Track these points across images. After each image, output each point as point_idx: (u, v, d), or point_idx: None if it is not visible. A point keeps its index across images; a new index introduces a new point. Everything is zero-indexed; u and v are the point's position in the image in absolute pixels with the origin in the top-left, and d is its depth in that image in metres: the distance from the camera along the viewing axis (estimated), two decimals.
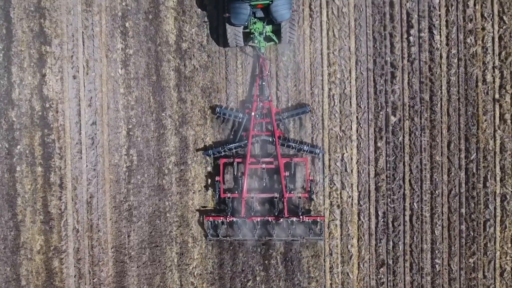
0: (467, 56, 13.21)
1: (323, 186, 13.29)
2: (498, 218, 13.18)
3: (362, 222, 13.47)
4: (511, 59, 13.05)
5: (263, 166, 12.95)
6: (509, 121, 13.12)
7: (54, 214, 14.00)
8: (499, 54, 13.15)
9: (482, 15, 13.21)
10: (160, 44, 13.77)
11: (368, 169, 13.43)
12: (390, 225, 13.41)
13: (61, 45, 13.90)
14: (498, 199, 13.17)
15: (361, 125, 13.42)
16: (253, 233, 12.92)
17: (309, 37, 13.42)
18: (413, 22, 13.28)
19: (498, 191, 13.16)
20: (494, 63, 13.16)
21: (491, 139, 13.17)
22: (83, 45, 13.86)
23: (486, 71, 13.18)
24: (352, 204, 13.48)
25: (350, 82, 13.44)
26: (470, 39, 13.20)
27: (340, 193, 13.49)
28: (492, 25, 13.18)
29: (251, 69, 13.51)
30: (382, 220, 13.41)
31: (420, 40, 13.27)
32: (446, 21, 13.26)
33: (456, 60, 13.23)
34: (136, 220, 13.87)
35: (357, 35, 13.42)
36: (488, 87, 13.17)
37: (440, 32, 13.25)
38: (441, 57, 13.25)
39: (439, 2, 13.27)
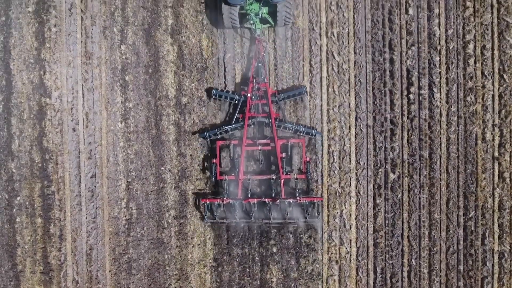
0: (467, 114, 13.21)
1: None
2: (496, 276, 13.23)
3: (361, 277, 13.53)
4: (511, 117, 13.05)
5: (260, 147, 12.94)
6: (508, 180, 13.14)
7: (54, 265, 14.06)
8: (499, 112, 13.16)
9: (482, 73, 13.20)
10: (160, 98, 13.77)
11: (367, 225, 13.47)
12: (388, 281, 13.47)
13: (61, 97, 13.90)
14: (496, 257, 13.22)
15: (360, 181, 13.45)
16: (250, 215, 12.90)
17: (309, 93, 13.42)
18: (413, 80, 13.27)
19: (496, 249, 13.21)
20: (494, 121, 13.17)
21: (489, 197, 13.20)
22: (83, 97, 13.86)
23: (485, 129, 13.19)
24: (350, 260, 13.53)
25: (350, 139, 13.45)
26: (470, 97, 13.20)
27: (339, 248, 13.53)
28: (493, 83, 13.18)
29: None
30: (381, 276, 13.47)
31: (420, 98, 13.27)
32: (446, 78, 13.26)
33: (456, 118, 13.23)
34: (136, 273, 13.93)
35: (357, 92, 13.42)
36: (487, 145, 13.18)
37: (440, 90, 13.25)
38: (441, 114, 13.25)
39: (439, 59, 13.26)
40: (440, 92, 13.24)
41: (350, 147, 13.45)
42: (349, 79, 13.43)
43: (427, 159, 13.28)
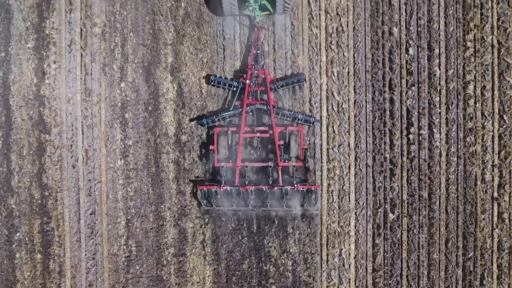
0: (467, 154, 13.21)
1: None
2: None
3: None
4: (511, 158, 13.05)
5: (258, 135, 12.94)
6: (507, 220, 13.15)
7: None
8: (499, 153, 13.16)
9: (482, 114, 13.20)
10: (159, 136, 13.76)
11: (366, 264, 13.49)
12: None
13: (60, 134, 13.89)
14: None
15: (359, 221, 13.46)
16: (247, 203, 12.93)
17: (307, 136, 13.41)
18: (413, 120, 13.26)
19: None
20: (493, 162, 13.16)
21: (488, 237, 13.21)
22: (83, 134, 13.85)
23: (485, 170, 13.19)
24: None
25: (349, 178, 13.45)
26: (470, 138, 13.19)
27: None
28: (492, 124, 13.17)
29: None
30: None
31: (420, 138, 13.27)
32: (446, 119, 13.25)
33: (455, 159, 13.23)
34: None
35: (357, 131, 13.41)
36: (487, 186, 13.18)
37: (440, 130, 13.24)
38: (440, 155, 13.25)
39: (439, 99, 13.25)
40: (440, 133, 13.23)
41: (349, 186, 13.45)
42: (349, 119, 13.42)
43: (427, 199, 13.29)
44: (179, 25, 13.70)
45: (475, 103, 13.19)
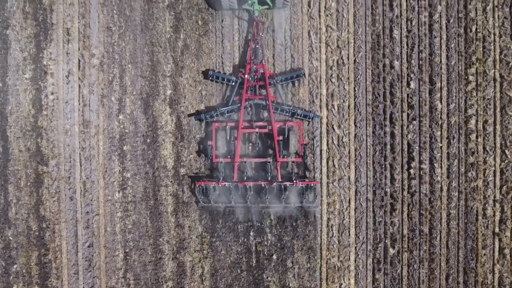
0: (468, 189, 13.09)
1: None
2: None
3: None
4: None
5: (256, 130, 12.80)
6: (508, 256, 13.04)
7: None
8: (500, 188, 13.04)
9: (484, 148, 13.07)
10: (158, 169, 13.64)
11: None
12: None
13: (58, 166, 13.76)
14: None
15: (359, 256, 13.35)
16: (246, 199, 12.76)
17: (307, 170, 13.28)
18: (414, 154, 13.14)
19: None
20: (495, 197, 13.05)
21: (489, 273, 13.10)
22: (81, 166, 13.72)
23: (486, 205, 13.07)
24: None
25: (349, 213, 13.33)
26: (472, 173, 13.07)
27: None
28: (494, 159, 13.05)
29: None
30: None
31: (421, 172, 13.14)
32: (448, 153, 13.12)
33: (456, 194, 13.11)
34: None
35: (357, 165, 13.28)
36: (488, 221, 13.07)
37: (441, 165, 13.12)
38: (441, 190, 13.13)
39: (441, 134, 13.12)
40: (441, 167, 13.11)
41: (349, 221, 13.33)
42: (349, 153, 13.30)
43: (427, 234, 13.17)
44: (178, 57, 13.56)
45: (476, 137, 13.06)
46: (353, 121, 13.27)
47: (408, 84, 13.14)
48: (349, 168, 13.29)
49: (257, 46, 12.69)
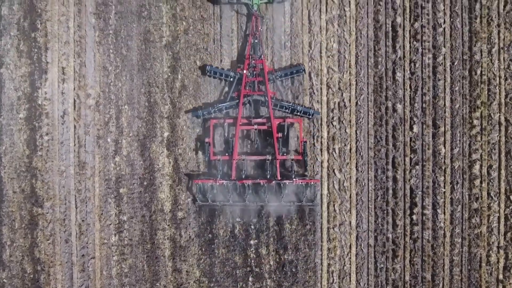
0: (472, 235, 12.82)
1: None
2: None
3: None
4: None
5: (255, 127, 12.51)
6: None
7: None
8: (505, 234, 12.77)
9: (488, 194, 12.80)
10: (155, 212, 13.36)
11: None
12: None
13: (53, 208, 13.48)
14: None
15: None
16: (244, 198, 12.46)
17: (307, 212, 13.00)
18: (416, 200, 12.86)
19: None
20: (499, 243, 12.78)
21: None
22: (76, 208, 13.44)
23: (490, 251, 12.80)
24: None
25: (350, 259, 13.06)
26: (475, 219, 12.79)
27: None
28: (499, 204, 12.78)
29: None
30: None
31: (424, 218, 12.87)
32: (451, 199, 12.85)
33: (460, 240, 12.84)
34: None
35: (358, 210, 13.01)
36: (492, 268, 12.80)
37: (444, 211, 12.84)
38: (444, 236, 12.86)
39: (444, 179, 12.84)
40: (444, 213, 12.84)
41: (350, 267, 13.06)
42: (350, 197, 13.02)
43: (430, 281, 12.92)
44: (176, 98, 13.26)
45: (481, 183, 12.78)
46: (355, 165, 12.99)
47: (411, 128, 12.85)
48: (350, 213, 13.02)
49: (256, 41, 12.38)
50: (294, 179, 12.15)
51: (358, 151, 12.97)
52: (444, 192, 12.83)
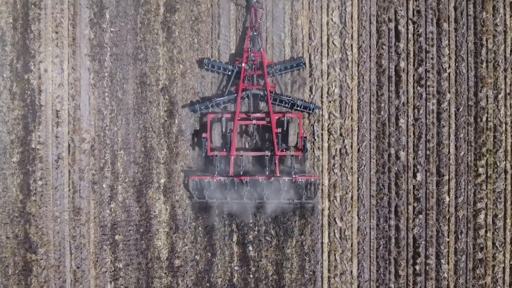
0: (476, 286, 12.51)
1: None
2: None
3: None
4: None
5: (254, 122, 12.15)
6: None
7: None
8: (510, 285, 12.48)
9: (493, 244, 12.48)
10: (151, 259, 13.04)
11: None
12: None
13: (47, 254, 13.17)
14: None
15: None
16: (242, 195, 12.09)
17: (308, 262, 12.70)
18: (419, 250, 12.53)
19: None
20: None
21: None
22: (71, 255, 13.13)
23: None
24: None
25: None
26: (480, 269, 12.48)
27: None
28: (504, 255, 12.46)
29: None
30: None
31: (427, 268, 12.55)
32: (455, 249, 12.52)
33: None
34: None
35: (360, 260, 12.69)
36: None
37: (448, 261, 12.52)
38: (448, 287, 12.55)
39: (448, 228, 12.52)
40: (448, 263, 12.52)
41: None
42: (351, 246, 12.70)
43: None
44: (173, 143, 12.92)
45: (485, 232, 12.46)
46: (356, 213, 12.66)
47: (415, 176, 12.52)
48: (352, 262, 12.71)
49: (255, 33, 12.04)
50: (294, 176, 11.77)
51: (360, 199, 12.64)
52: (448, 241, 12.51)
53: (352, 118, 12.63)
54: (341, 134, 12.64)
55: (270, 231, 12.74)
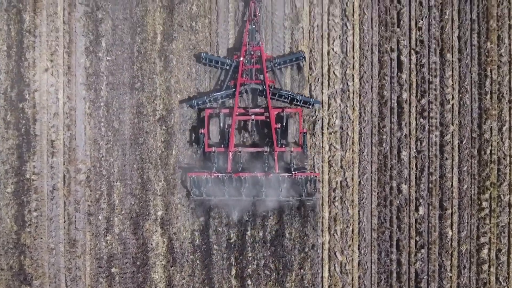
0: None
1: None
2: None
3: None
4: None
5: (252, 117, 11.93)
6: None
7: None
8: None
9: (497, 279, 12.28)
10: None
11: None
12: None
13: (42, 286, 12.94)
14: None
15: None
16: (240, 192, 11.87)
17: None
18: (421, 285, 12.30)
19: None
20: None
21: None
22: (66, 287, 12.89)
23: None
24: None
25: None
26: None
27: None
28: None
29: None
30: None
31: None
32: (458, 284, 12.30)
33: None
34: None
35: None
36: None
37: None
38: None
39: (451, 263, 12.29)
40: None
41: None
42: (352, 281, 12.47)
43: None
44: (170, 175, 12.67)
45: (489, 267, 12.23)
46: (357, 247, 12.43)
47: (417, 209, 12.28)
48: None
49: (253, 27, 11.83)
50: (293, 172, 11.55)
51: (361, 232, 12.40)
52: (451, 276, 12.27)
53: (353, 150, 12.38)
54: (341, 167, 12.39)
55: (269, 264, 12.51)
